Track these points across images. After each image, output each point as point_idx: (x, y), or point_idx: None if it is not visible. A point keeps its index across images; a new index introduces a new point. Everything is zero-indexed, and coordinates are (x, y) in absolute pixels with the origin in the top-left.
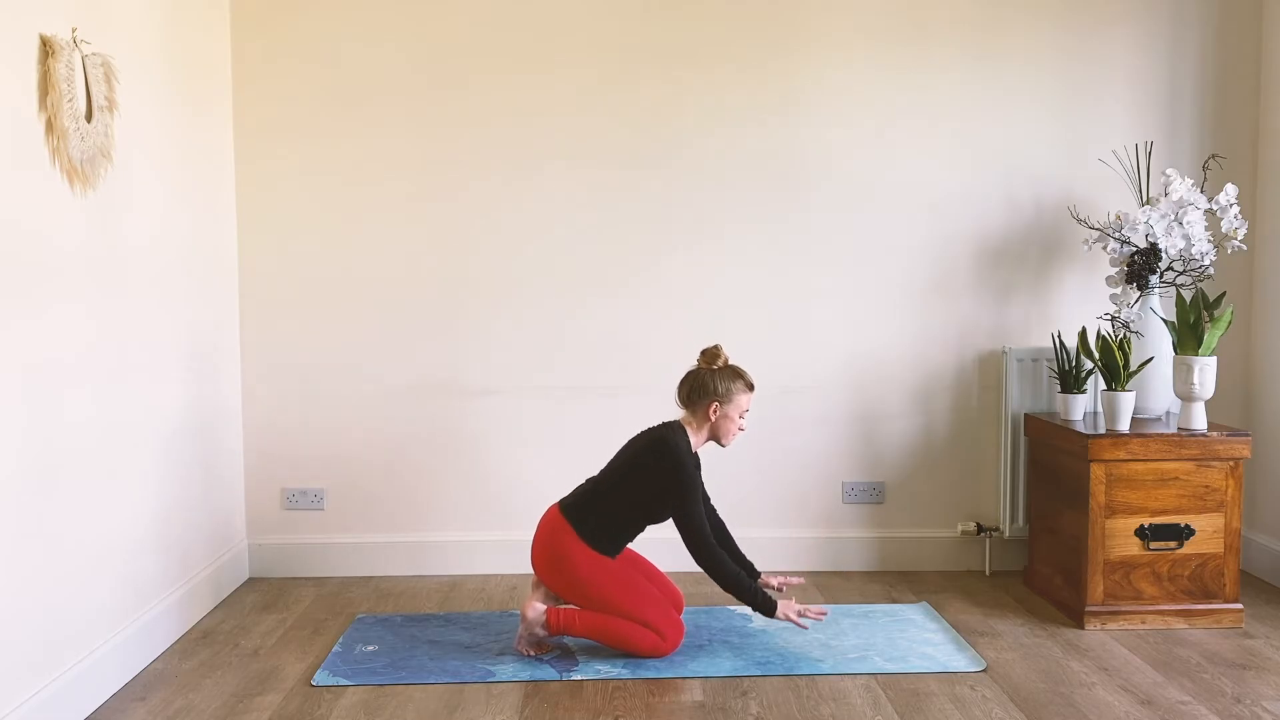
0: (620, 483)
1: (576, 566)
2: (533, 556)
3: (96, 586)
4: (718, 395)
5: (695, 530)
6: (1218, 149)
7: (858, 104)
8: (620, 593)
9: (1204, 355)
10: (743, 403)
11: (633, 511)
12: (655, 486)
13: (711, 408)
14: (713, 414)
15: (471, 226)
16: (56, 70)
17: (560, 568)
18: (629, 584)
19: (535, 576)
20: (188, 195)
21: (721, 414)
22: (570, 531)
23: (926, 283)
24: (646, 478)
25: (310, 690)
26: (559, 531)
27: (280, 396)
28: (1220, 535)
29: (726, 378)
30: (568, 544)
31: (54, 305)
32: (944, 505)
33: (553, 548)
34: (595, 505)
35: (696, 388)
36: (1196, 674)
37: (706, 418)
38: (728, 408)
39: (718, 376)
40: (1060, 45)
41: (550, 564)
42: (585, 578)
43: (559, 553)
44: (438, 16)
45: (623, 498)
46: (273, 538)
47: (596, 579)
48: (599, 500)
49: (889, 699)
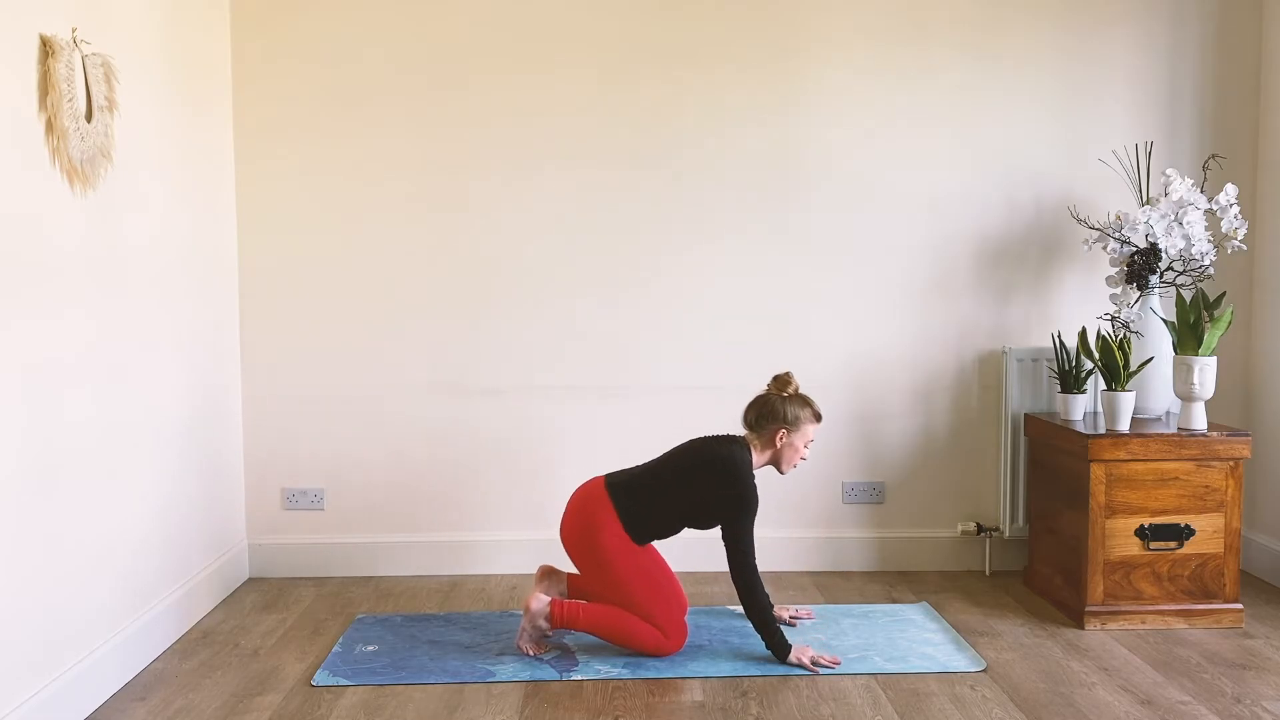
0: (675, 483)
1: (605, 543)
2: (564, 521)
3: (96, 586)
4: (786, 422)
5: (744, 551)
6: (1218, 149)
7: (858, 104)
8: (638, 581)
9: (1204, 355)
10: (809, 433)
11: (678, 513)
12: (712, 500)
13: (779, 434)
14: (779, 440)
15: (472, 226)
16: (56, 70)
17: (588, 540)
18: (649, 575)
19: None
20: (188, 195)
21: (787, 441)
22: (610, 509)
23: (926, 283)
24: (705, 489)
25: (310, 690)
26: (599, 505)
27: (280, 396)
28: (1220, 535)
29: (796, 405)
30: (603, 519)
31: (54, 305)
32: (944, 505)
33: (587, 518)
34: (642, 494)
35: (766, 413)
36: (1196, 674)
37: (772, 443)
38: (794, 436)
39: (788, 403)
40: (1060, 45)
41: (580, 532)
42: (610, 558)
43: (592, 524)
44: (438, 16)
45: (673, 497)
46: (273, 538)
47: (620, 561)
48: (647, 490)
49: (889, 699)
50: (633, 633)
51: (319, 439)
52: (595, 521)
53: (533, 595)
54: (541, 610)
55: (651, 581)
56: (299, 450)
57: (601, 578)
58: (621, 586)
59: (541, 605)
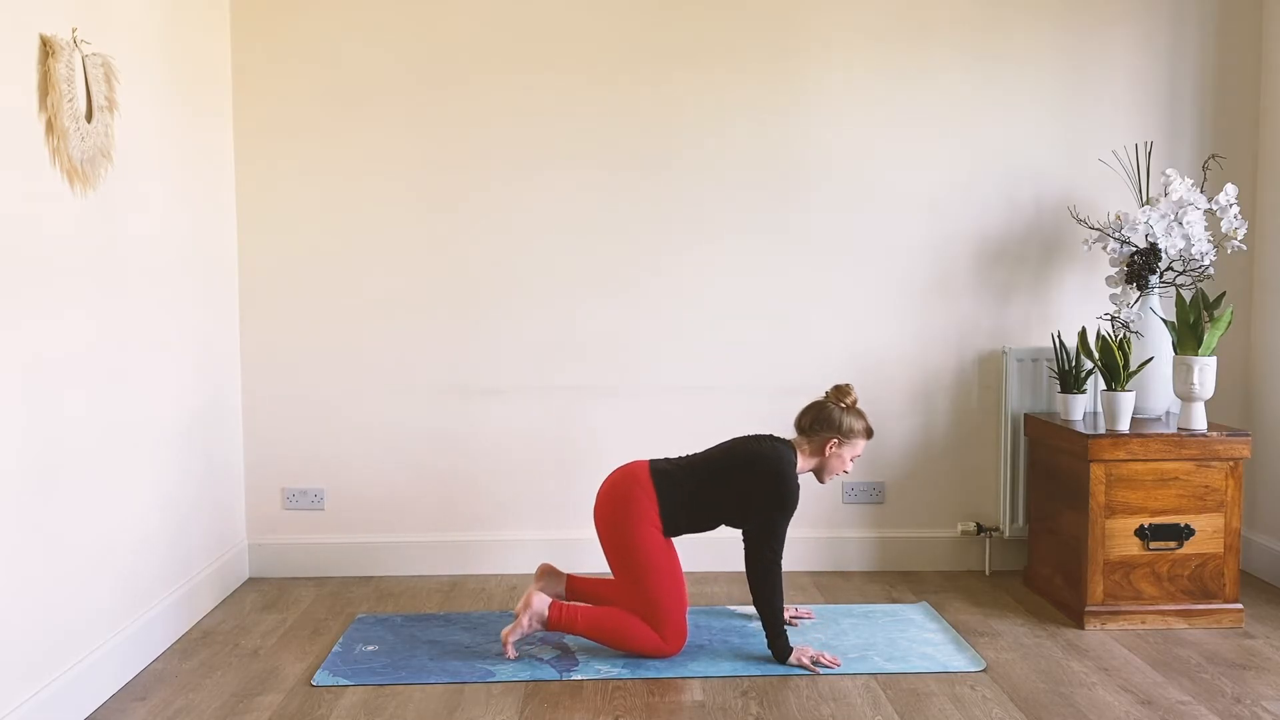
0: (719, 479)
1: (637, 527)
2: (601, 496)
3: (96, 586)
4: (840, 432)
5: (775, 551)
6: (1218, 149)
7: (858, 104)
8: (660, 573)
9: (1204, 355)
10: (859, 447)
11: (718, 509)
12: (753, 499)
13: (830, 444)
14: (828, 449)
15: (472, 226)
16: (56, 70)
17: (621, 521)
18: (670, 570)
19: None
20: (188, 195)
21: (836, 452)
22: (651, 494)
23: (926, 283)
24: (748, 487)
25: (310, 690)
26: (640, 488)
27: (280, 396)
28: (1220, 535)
29: (852, 417)
30: (642, 504)
31: (54, 305)
32: (944, 505)
33: (625, 499)
34: (685, 484)
35: (821, 419)
36: (1196, 674)
37: (821, 451)
38: (844, 448)
39: (845, 414)
40: (1060, 45)
41: (614, 511)
42: (638, 542)
43: (629, 506)
44: (438, 17)
45: (715, 493)
46: (273, 538)
47: (646, 547)
48: (691, 482)
49: (889, 699)
50: (631, 637)
51: (319, 439)
52: (633, 504)
53: (533, 593)
54: (542, 609)
55: (672, 576)
56: (299, 450)
57: (624, 560)
58: (642, 574)
59: (542, 605)
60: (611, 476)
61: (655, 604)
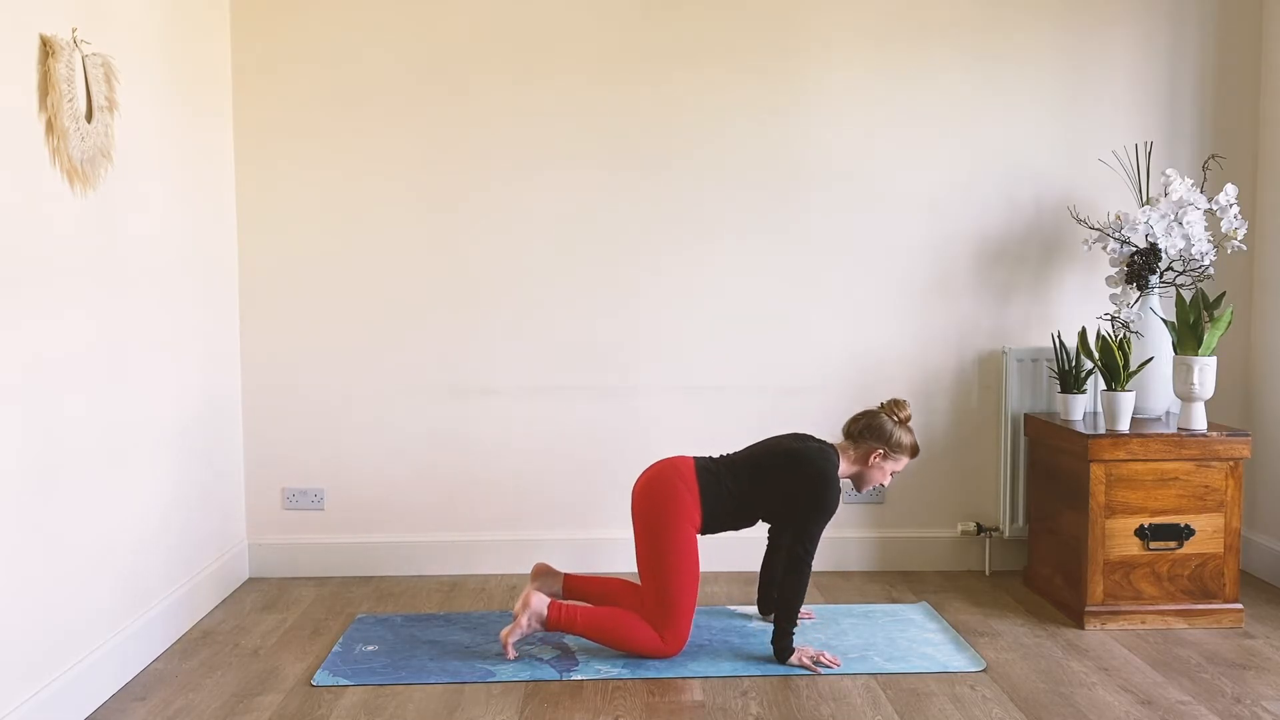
0: (761, 479)
1: (676, 524)
2: (641, 487)
3: (96, 586)
4: (888, 444)
5: (808, 552)
6: (1218, 149)
7: (858, 104)
8: (684, 572)
9: (1204, 355)
10: (901, 463)
11: (757, 507)
12: (794, 499)
13: (876, 453)
14: (872, 459)
15: (472, 227)
16: (57, 70)
17: (660, 515)
18: (694, 575)
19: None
20: (188, 195)
21: (879, 464)
22: (695, 492)
23: (926, 283)
24: (789, 488)
25: (310, 690)
26: (683, 485)
27: (280, 396)
28: (1220, 535)
29: (902, 432)
30: (685, 501)
31: (54, 305)
32: (944, 505)
33: (668, 494)
34: (728, 483)
35: (872, 428)
36: (1196, 674)
37: (864, 460)
38: (887, 461)
39: (897, 428)
40: (1060, 45)
41: (655, 504)
42: (674, 540)
43: (671, 501)
44: (438, 17)
45: (756, 492)
46: (273, 538)
47: (681, 546)
48: (733, 481)
49: (889, 699)
50: (631, 637)
51: (319, 439)
52: (676, 499)
53: (531, 593)
54: (541, 608)
55: (693, 581)
56: (299, 450)
57: (653, 552)
58: (669, 572)
59: (541, 605)
60: (656, 468)
61: (670, 604)
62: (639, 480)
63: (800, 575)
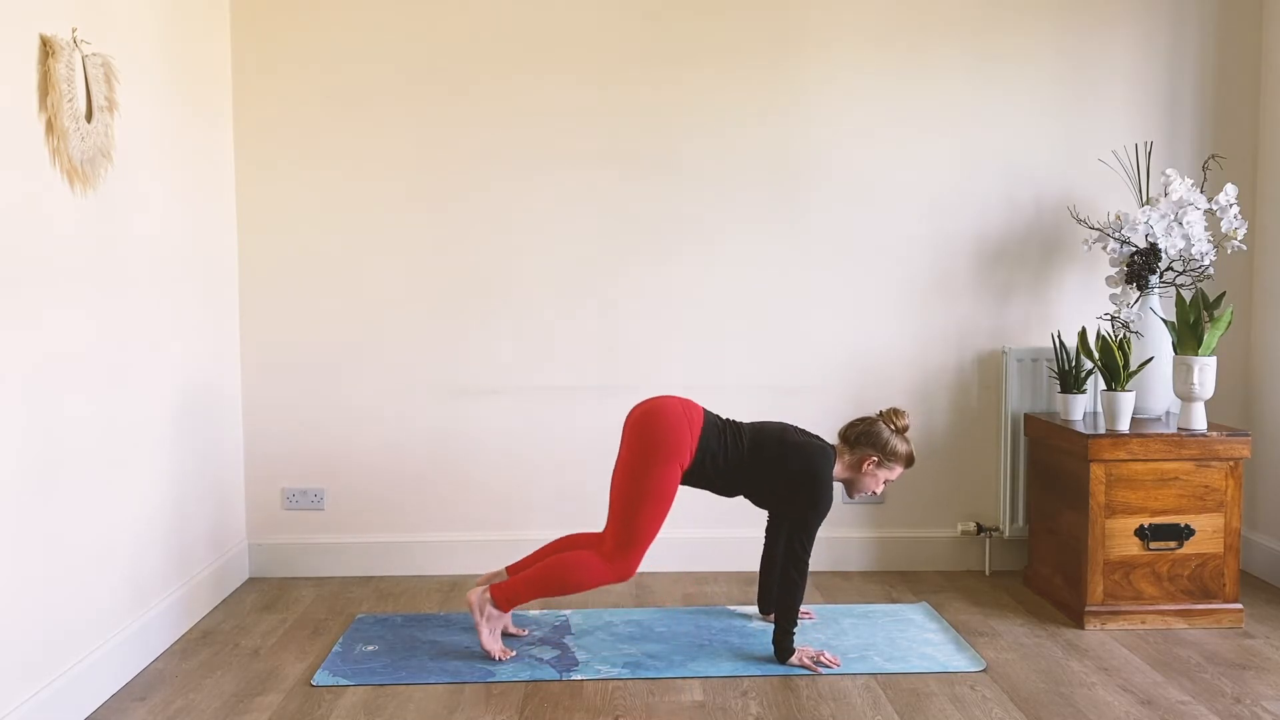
0: (753, 459)
1: (666, 459)
2: (646, 413)
3: (96, 586)
4: (883, 452)
5: (804, 547)
6: (1218, 149)
7: (858, 104)
8: (656, 507)
9: (1204, 355)
10: (895, 472)
11: (741, 485)
12: (787, 496)
13: (870, 460)
14: (867, 466)
15: (472, 227)
16: (56, 70)
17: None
18: (665, 505)
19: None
20: (188, 195)
21: (872, 471)
22: (697, 434)
23: (926, 283)
24: (781, 485)
25: (310, 690)
26: (687, 429)
27: (280, 396)
28: (1220, 535)
29: (898, 440)
30: (685, 442)
31: (54, 305)
32: (944, 505)
33: (671, 429)
34: (729, 444)
35: (869, 435)
36: (1196, 674)
37: (858, 466)
38: (881, 470)
39: (894, 436)
40: (1060, 46)
41: (653, 433)
42: (659, 473)
43: (670, 437)
44: (438, 17)
45: (745, 471)
46: (273, 538)
47: (663, 480)
48: (728, 449)
49: (889, 699)
50: (576, 578)
51: (319, 439)
52: (675, 436)
53: (471, 593)
54: (483, 600)
55: (662, 512)
56: (299, 450)
57: (632, 476)
58: (642, 500)
59: (480, 595)
60: (664, 399)
61: (633, 532)
62: (644, 404)
63: (799, 574)
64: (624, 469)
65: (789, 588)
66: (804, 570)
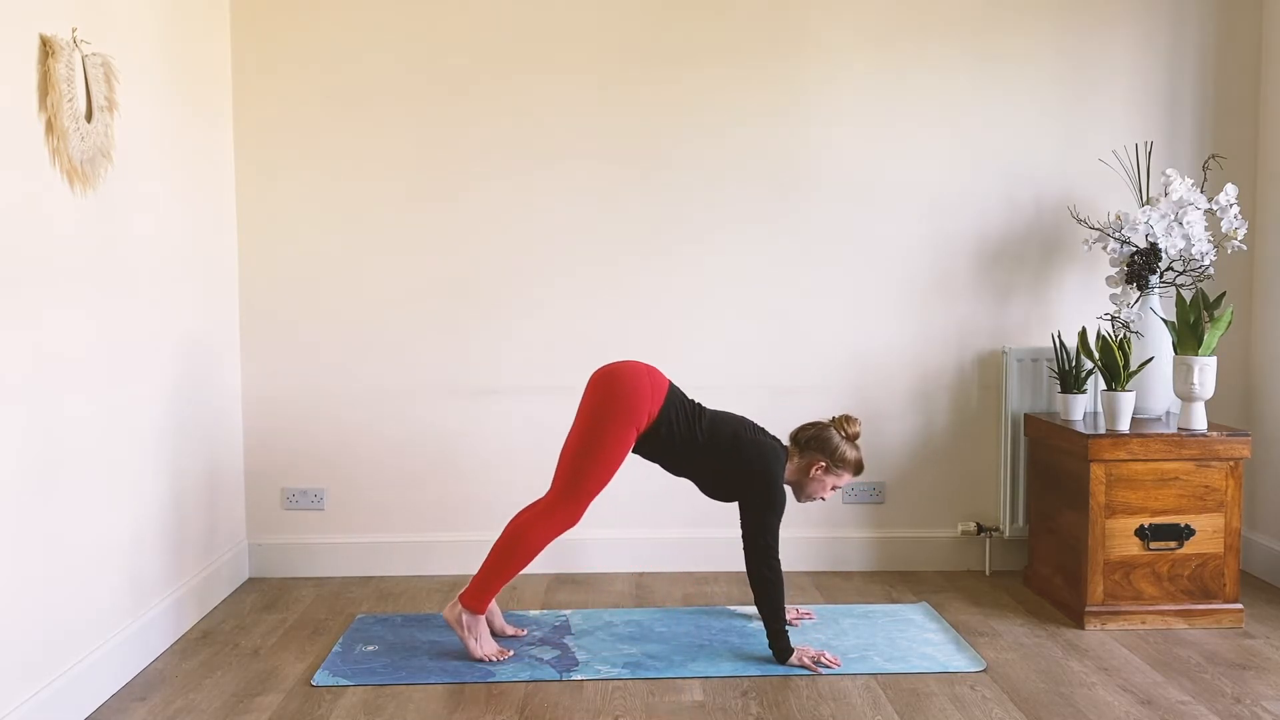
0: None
1: (625, 420)
2: (614, 368)
3: (96, 586)
4: (831, 457)
5: (768, 545)
6: (1218, 149)
7: (858, 104)
8: (605, 466)
9: (1204, 355)
10: (843, 479)
11: (687, 469)
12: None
13: (818, 465)
14: (815, 471)
15: (473, 227)
16: (56, 70)
17: (618, 398)
18: (615, 465)
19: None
20: (188, 195)
21: (819, 476)
22: (659, 404)
23: (926, 283)
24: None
25: (310, 690)
26: (652, 390)
27: (280, 396)
28: (1220, 535)
29: (847, 447)
30: (645, 400)
31: (54, 305)
32: (944, 505)
33: (636, 384)
34: (685, 421)
35: (819, 439)
36: (1196, 674)
37: (806, 470)
38: (828, 475)
39: (844, 442)
40: (1060, 45)
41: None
42: (617, 427)
43: (635, 391)
44: (438, 17)
45: (698, 458)
46: (273, 538)
47: (620, 435)
48: (688, 425)
49: (889, 699)
50: (528, 542)
51: (319, 439)
52: (638, 398)
53: (444, 612)
54: (457, 612)
55: (610, 472)
56: (299, 450)
57: (588, 435)
58: (594, 455)
59: (452, 609)
60: (633, 364)
61: (578, 484)
62: (610, 365)
63: (771, 571)
64: (579, 426)
65: (765, 588)
66: (776, 566)
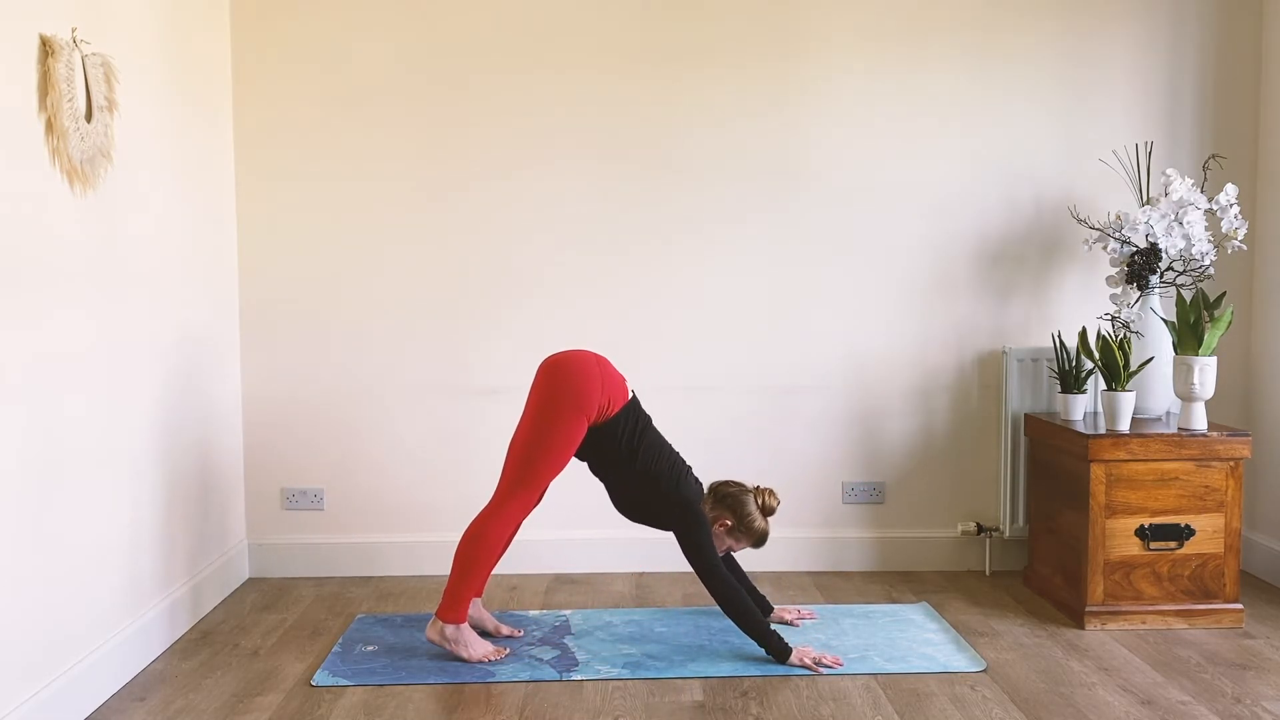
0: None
1: (577, 414)
2: (567, 357)
3: (96, 586)
4: (740, 520)
5: (709, 561)
6: (1218, 149)
7: (858, 104)
8: (556, 454)
9: (1204, 355)
10: (739, 546)
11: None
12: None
13: (724, 522)
14: (719, 526)
15: (472, 226)
16: (56, 70)
17: (571, 389)
18: (564, 458)
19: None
20: (188, 195)
21: (719, 534)
22: (614, 411)
23: (926, 282)
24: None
25: (310, 690)
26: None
27: (280, 396)
28: (1220, 535)
29: (756, 517)
30: (596, 394)
31: (54, 305)
32: (944, 505)
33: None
34: (630, 430)
35: (734, 499)
36: (1196, 674)
37: (712, 522)
38: (729, 536)
39: (755, 512)
40: (1060, 45)
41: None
42: (568, 419)
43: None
44: (439, 16)
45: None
46: (273, 538)
47: (571, 426)
48: (633, 434)
49: (889, 699)
50: (484, 542)
51: (319, 439)
52: (590, 391)
53: (425, 633)
54: (437, 630)
55: (560, 463)
56: (299, 450)
57: (537, 427)
58: (543, 447)
59: (431, 626)
60: (585, 354)
61: (527, 476)
62: (557, 355)
63: (724, 582)
64: (528, 417)
65: (727, 602)
66: (722, 577)
